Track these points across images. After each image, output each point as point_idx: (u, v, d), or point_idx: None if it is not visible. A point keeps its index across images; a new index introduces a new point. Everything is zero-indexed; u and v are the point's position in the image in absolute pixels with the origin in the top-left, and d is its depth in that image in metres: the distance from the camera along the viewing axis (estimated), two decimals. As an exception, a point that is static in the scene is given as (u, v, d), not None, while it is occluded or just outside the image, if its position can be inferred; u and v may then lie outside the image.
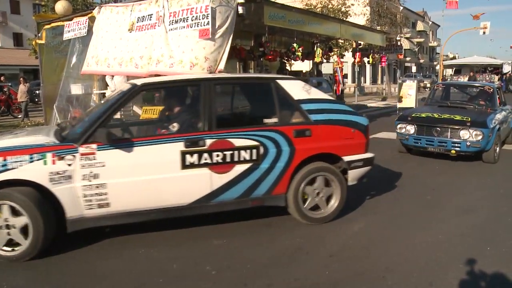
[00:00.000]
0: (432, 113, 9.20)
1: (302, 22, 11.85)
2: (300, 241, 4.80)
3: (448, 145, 8.54)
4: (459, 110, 9.41)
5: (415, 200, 6.41)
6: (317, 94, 5.51)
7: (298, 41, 14.16)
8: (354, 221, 5.46)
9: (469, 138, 8.34)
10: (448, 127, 8.57)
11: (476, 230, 5.20)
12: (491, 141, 8.51)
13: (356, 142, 5.46)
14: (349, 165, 5.41)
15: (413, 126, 9.02)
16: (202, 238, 4.92)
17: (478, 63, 43.70)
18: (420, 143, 8.92)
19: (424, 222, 5.46)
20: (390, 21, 37.33)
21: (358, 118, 5.56)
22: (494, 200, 6.47)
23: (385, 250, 4.61)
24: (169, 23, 7.74)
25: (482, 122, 8.47)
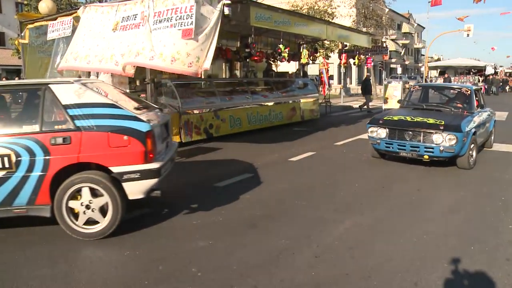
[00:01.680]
0: (405, 116, 8.72)
1: (288, 23, 11.88)
2: (286, 242, 4.81)
3: (420, 150, 8.12)
4: (434, 113, 9.05)
5: (400, 200, 6.46)
6: (90, 99, 4.94)
7: (284, 42, 14.20)
8: (339, 222, 5.48)
9: (442, 143, 7.93)
10: (421, 131, 8.13)
11: (460, 230, 5.26)
12: (466, 145, 8.11)
13: (131, 151, 4.82)
14: (121, 177, 4.84)
15: (384, 130, 8.55)
16: (187, 239, 4.91)
17: (462, 65, 44.23)
18: (392, 147, 8.50)
19: (409, 222, 5.50)
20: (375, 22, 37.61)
21: (136, 124, 4.85)
22: (478, 199, 6.55)
23: (370, 250, 4.64)
24: (153, 22, 7.73)
25: (456, 126, 8.03)
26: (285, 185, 7.23)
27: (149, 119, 5.02)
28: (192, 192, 6.79)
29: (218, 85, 13.41)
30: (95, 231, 4.89)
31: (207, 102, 12.06)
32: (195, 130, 11.18)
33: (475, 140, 8.55)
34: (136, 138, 4.81)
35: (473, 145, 8.43)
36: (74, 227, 4.87)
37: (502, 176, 8.00)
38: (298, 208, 6.02)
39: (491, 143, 10.74)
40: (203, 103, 11.92)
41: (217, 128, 11.90)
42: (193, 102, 11.56)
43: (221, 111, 12.22)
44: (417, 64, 78.66)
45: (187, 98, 11.42)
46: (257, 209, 5.97)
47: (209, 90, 12.77)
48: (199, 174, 8.02)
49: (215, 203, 6.23)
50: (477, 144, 8.72)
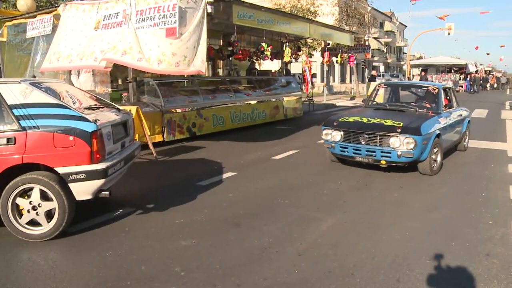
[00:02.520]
0: (361, 118, 8.05)
1: (271, 22, 11.89)
2: (269, 240, 4.82)
3: (377, 154, 7.47)
4: (396, 113, 8.38)
5: (383, 198, 6.52)
6: (37, 99, 4.86)
7: (267, 41, 14.21)
8: (322, 220, 5.50)
9: (400, 147, 7.27)
10: (377, 134, 7.47)
11: (442, 227, 5.32)
12: (427, 150, 7.50)
13: (77, 152, 4.76)
14: (67, 178, 4.78)
15: (339, 132, 7.89)
16: (170, 239, 4.89)
17: (444, 63, 44.79)
18: (347, 152, 7.84)
19: (391, 220, 5.55)
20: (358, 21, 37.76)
21: (82, 124, 4.78)
22: (459, 196, 6.64)
23: (353, 247, 4.67)
24: (136, 21, 7.68)
25: (415, 128, 7.38)
26: (268, 184, 7.24)
27: (97, 119, 4.96)
28: (175, 191, 6.77)
29: (201, 83, 13.37)
30: (37, 233, 4.83)
31: (190, 101, 12.02)
32: (178, 129, 11.13)
33: (439, 143, 7.95)
34: (81, 139, 4.76)
35: (436, 149, 7.85)
36: (17, 225, 4.81)
37: (482, 172, 8.12)
38: (281, 206, 6.04)
39: (464, 145, 10.09)
40: (186, 102, 11.88)
41: (200, 126, 11.87)
42: (176, 101, 11.52)
43: (204, 109, 12.19)
44: (399, 62, 79.34)
45: (170, 96, 11.37)
46: (240, 207, 5.97)
47: (192, 88, 12.73)
48: (182, 173, 7.99)
49: (198, 202, 6.22)
50: (442, 148, 8.07)
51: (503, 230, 5.20)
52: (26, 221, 4.82)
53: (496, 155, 9.79)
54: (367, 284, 3.90)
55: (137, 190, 6.81)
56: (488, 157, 9.54)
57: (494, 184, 7.34)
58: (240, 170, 8.07)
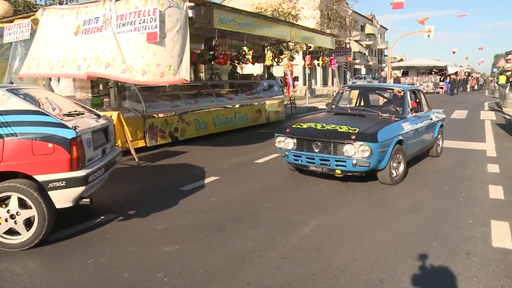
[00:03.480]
0: (316, 124, 7.58)
1: (252, 26, 11.93)
2: (252, 244, 4.82)
3: (331, 163, 7.03)
4: (355, 119, 7.91)
5: (365, 199, 6.56)
6: (14, 106, 4.79)
7: (248, 44, 14.26)
8: (305, 222, 5.52)
9: (354, 155, 6.80)
10: (330, 141, 7.00)
11: (424, 227, 5.37)
12: (386, 157, 7.03)
13: (56, 159, 4.67)
14: (46, 186, 4.70)
15: (292, 140, 7.43)
16: (152, 244, 4.86)
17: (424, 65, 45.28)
18: (300, 160, 7.41)
19: (374, 221, 5.59)
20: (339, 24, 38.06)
21: (61, 131, 4.71)
22: (440, 197, 6.71)
23: (336, 250, 4.69)
24: (116, 26, 7.63)
25: (371, 135, 6.88)
26: (251, 187, 7.24)
27: (77, 125, 4.91)
28: (157, 196, 6.73)
29: (183, 88, 13.32)
30: (16, 242, 4.74)
31: (172, 106, 11.98)
32: (160, 134, 11.09)
33: (402, 150, 7.48)
34: (61, 146, 4.68)
35: (398, 157, 7.41)
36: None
37: (463, 173, 8.22)
38: (264, 210, 6.04)
39: (437, 151, 9.60)
40: (167, 107, 11.84)
41: (182, 131, 11.83)
42: (158, 106, 11.48)
43: (186, 114, 12.16)
44: (380, 64, 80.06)
45: (152, 101, 11.33)
46: (223, 212, 5.96)
47: (174, 93, 12.68)
48: (164, 178, 7.96)
49: (181, 207, 6.20)
50: (405, 155, 7.59)
51: (482, 229, 5.27)
52: (3, 231, 4.73)
53: (475, 155, 9.92)
54: (351, 286, 3.92)
55: (119, 196, 6.76)
56: (468, 158, 9.67)
57: (474, 184, 7.45)
58: (222, 175, 8.06)
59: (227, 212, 5.96)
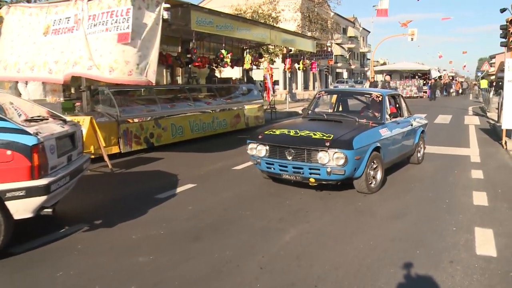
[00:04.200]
0: (289, 130, 7.49)
1: (230, 28, 11.95)
2: (230, 254, 4.80)
3: (305, 171, 6.94)
4: (331, 125, 7.85)
5: (347, 206, 6.60)
6: None
7: (227, 47, 14.27)
8: (285, 231, 5.52)
9: (329, 163, 6.70)
10: (304, 148, 6.91)
11: (406, 234, 5.42)
12: (362, 165, 6.96)
13: (15, 167, 4.54)
14: (3, 195, 4.56)
15: (264, 147, 7.33)
16: (126, 255, 4.81)
17: (407, 68, 45.87)
18: (273, 168, 7.34)
19: (355, 229, 5.62)
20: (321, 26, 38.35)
21: (21, 138, 4.59)
22: (423, 204, 6.79)
23: (317, 258, 4.70)
24: (88, 26, 7.56)
25: (346, 141, 6.79)
26: (229, 195, 7.24)
27: (39, 131, 4.81)
28: (132, 204, 6.67)
29: (159, 92, 13.27)
30: None
31: (148, 110, 11.90)
32: (134, 140, 11.00)
33: (379, 157, 7.44)
34: (20, 153, 4.55)
35: (375, 165, 7.35)
36: None
37: (446, 179, 8.33)
38: (243, 218, 6.04)
39: (418, 158, 9.59)
40: (143, 111, 11.75)
41: (158, 137, 11.77)
42: (133, 110, 11.39)
43: (162, 119, 12.09)
44: (363, 68, 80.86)
45: (126, 106, 11.24)
46: (201, 220, 5.94)
47: (150, 97, 12.62)
48: (139, 185, 7.90)
49: (156, 215, 6.15)
50: (382, 162, 7.52)
51: (466, 236, 5.34)
52: None
53: (459, 161, 10.07)
54: (331, 296, 3.93)
55: (91, 205, 6.68)
56: (451, 163, 9.79)
57: (458, 190, 7.56)
58: (200, 182, 8.03)
59: (204, 220, 5.93)
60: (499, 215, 6.20)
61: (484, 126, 17.15)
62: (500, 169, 9.35)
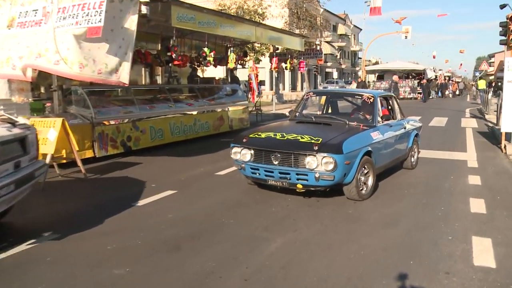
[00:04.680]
0: (275, 133, 7.51)
1: (213, 25, 11.95)
2: (212, 265, 4.78)
3: (292, 177, 6.94)
4: (320, 128, 7.91)
5: (336, 214, 6.62)
6: None
7: (209, 45, 14.26)
8: (271, 240, 5.51)
9: (317, 168, 6.72)
10: (291, 153, 6.92)
11: (399, 244, 5.44)
12: (352, 170, 6.97)
13: None
14: None
15: (249, 151, 7.36)
16: (100, 267, 4.75)
17: (401, 68, 46.09)
18: (258, 174, 7.34)
19: (346, 237, 5.63)
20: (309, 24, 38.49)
21: None
22: (417, 211, 6.82)
23: (304, 269, 4.69)
24: (56, 19, 7.45)
25: (336, 145, 6.81)
26: (212, 202, 7.22)
27: None
28: (107, 213, 6.60)
29: (137, 92, 13.21)
30: None
31: (125, 112, 11.84)
32: (111, 143, 10.93)
33: (370, 162, 7.47)
34: None
35: (366, 170, 7.38)
36: None
37: (442, 185, 8.38)
38: (226, 227, 6.02)
39: (412, 163, 9.68)
40: (120, 113, 11.68)
41: (136, 140, 11.70)
42: (109, 112, 11.32)
43: (140, 121, 12.02)
44: (354, 68, 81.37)
45: (102, 107, 11.17)
46: (181, 229, 5.91)
47: (127, 98, 12.55)
48: (115, 192, 7.85)
49: (134, 224, 6.11)
50: (373, 167, 7.55)
51: (463, 246, 5.36)
52: None
53: (456, 166, 10.15)
54: (320, 309, 3.92)
55: (63, 213, 6.61)
56: (447, 168, 9.86)
57: (454, 196, 7.61)
58: (181, 188, 8.01)
59: (185, 229, 5.90)
60: (498, 224, 6.23)
61: (482, 129, 17.31)
62: (499, 174, 9.43)
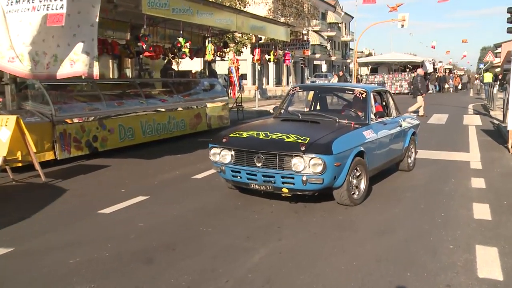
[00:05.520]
0: (258, 132, 7.53)
1: (189, 12, 11.93)
2: (189, 279, 4.76)
3: (277, 180, 6.95)
4: (307, 126, 8.00)
5: (325, 221, 6.64)
6: None
7: (185, 35, 14.26)
8: (253, 250, 5.52)
9: (304, 170, 6.74)
10: (275, 154, 6.92)
11: (395, 253, 5.47)
12: (343, 172, 6.99)
13: None
14: None
15: (229, 152, 7.37)
16: (61, 284, 4.70)
17: (397, 60, 46.39)
18: (239, 177, 7.34)
19: (336, 247, 5.65)
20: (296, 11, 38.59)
21: None
22: (414, 217, 6.87)
23: (291, 282, 4.70)
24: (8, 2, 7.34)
25: (324, 145, 6.84)
26: (188, 208, 7.22)
27: None
28: (69, 222, 6.57)
29: (104, 87, 13.14)
30: None
31: (90, 109, 11.75)
32: (74, 144, 10.85)
33: (363, 163, 7.52)
34: None
35: (358, 172, 7.43)
36: None
37: (442, 188, 8.45)
38: (204, 236, 6.01)
39: (409, 164, 9.76)
40: (84, 110, 11.58)
41: (103, 140, 11.63)
42: (72, 109, 11.22)
43: (108, 119, 11.95)
44: (345, 60, 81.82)
45: (63, 103, 11.09)
46: (154, 239, 5.88)
47: (92, 93, 12.47)
48: (78, 198, 7.79)
49: (100, 234, 6.07)
50: (366, 169, 7.61)
51: (466, 256, 5.39)
52: None
53: (457, 168, 10.24)
54: (307, 327, 3.93)
55: (17, 224, 6.51)
56: (448, 170, 9.95)
57: (455, 201, 7.67)
58: (153, 193, 7.99)
59: (158, 239, 5.88)
60: (504, 231, 6.25)
61: (486, 127, 17.50)
62: (506, 176, 9.51)
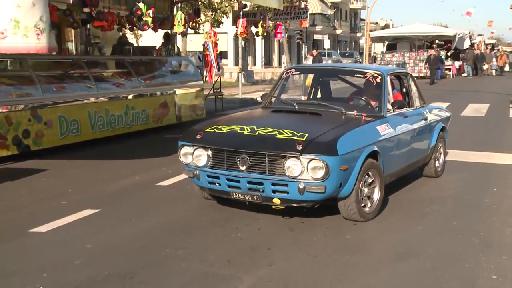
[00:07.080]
0: (242, 126, 7.45)
1: (152, -31, 11.92)
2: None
3: (266, 188, 6.85)
4: (305, 119, 8.03)
5: (328, 241, 6.68)
6: None
7: (147, 0, 14.19)
8: (235, 279, 5.53)
9: (301, 175, 6.63)
10: (265, 154, 6.82)
11: (418, 283, 5.50)
12: (351, 179, 6.90)
13: None
14: None
15: (205, 152, 7.26)
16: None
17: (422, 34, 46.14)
18: (218, 184, 7.27)
19: (341, 275, 5.66)
20: (291, -31, 38.58)
21: None
22: (444, 238, 6.88)
23: (283, 321, 4.74)
24: None
25: (327, 144, 6.76)
26: (151, 225, 7.24)
27: None
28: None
29: (38, 66, 13.09)
30: None
31: (19, 94, 11.66)
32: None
33: (377, 167, 7.46)
34: None
35: (371, 178, 7.36)
36: None
37: (480, 200, 8.49)
38: (171, 260, 6.02)
39: (436, 169, 9.82)
40: (11, 95, 11.50)
41: (37, 136, 11.57)
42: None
43: (44, 109, 11.89)
44: (354, 34, 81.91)
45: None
46: (105, 265, 5.87)
47: (22, 74, 12.41)
48: (5, 214, 7.77)
49: (33, 260, 6.06)
50: (381, 175, 7.54)
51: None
52: None
53: (500, 174, 10.30)
54: None
55: None
56: (488, 177, 10.01)
57: (498, 217, 7.67)
58: (105, 205, 8.01)
59: (110, 265, 5.87)
60: None
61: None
62: None
